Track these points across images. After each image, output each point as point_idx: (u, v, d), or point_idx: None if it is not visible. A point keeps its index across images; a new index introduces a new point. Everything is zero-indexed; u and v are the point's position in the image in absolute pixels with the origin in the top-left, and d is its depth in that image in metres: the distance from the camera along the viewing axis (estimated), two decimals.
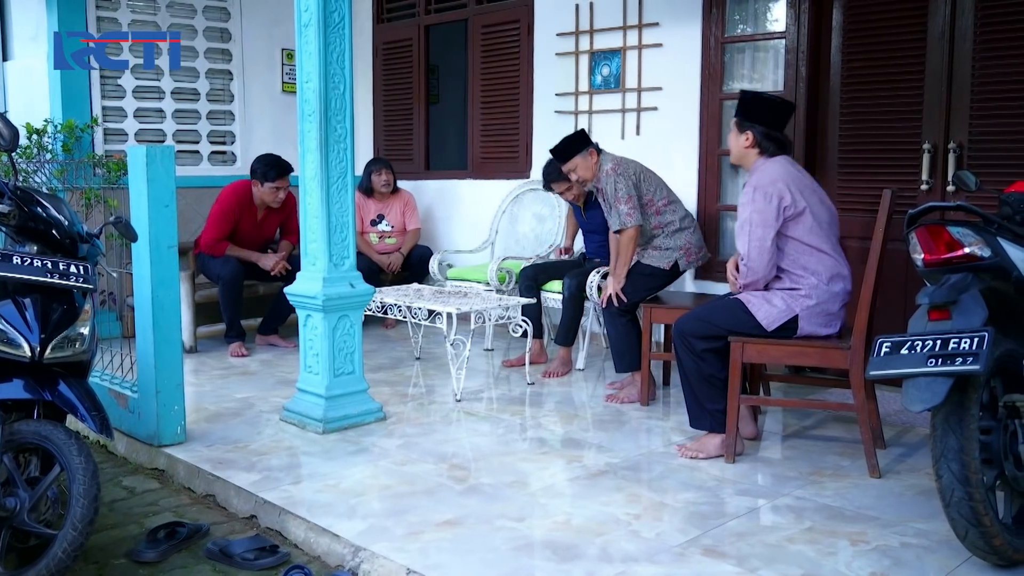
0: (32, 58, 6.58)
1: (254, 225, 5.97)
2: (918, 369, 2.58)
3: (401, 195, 6.80)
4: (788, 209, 3.61)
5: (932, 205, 2.85)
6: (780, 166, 3.70)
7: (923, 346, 2.61)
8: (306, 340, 4.31)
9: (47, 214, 3.11)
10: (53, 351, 2.93)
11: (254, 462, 3.80)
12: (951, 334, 2.58)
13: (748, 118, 3.74)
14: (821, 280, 3.66)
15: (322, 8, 4.06)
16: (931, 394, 2.56)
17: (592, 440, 4.10)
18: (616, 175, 4.68)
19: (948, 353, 2.55)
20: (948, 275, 2.79)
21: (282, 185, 5.84)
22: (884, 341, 2.69)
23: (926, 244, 2.77)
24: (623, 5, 5.80)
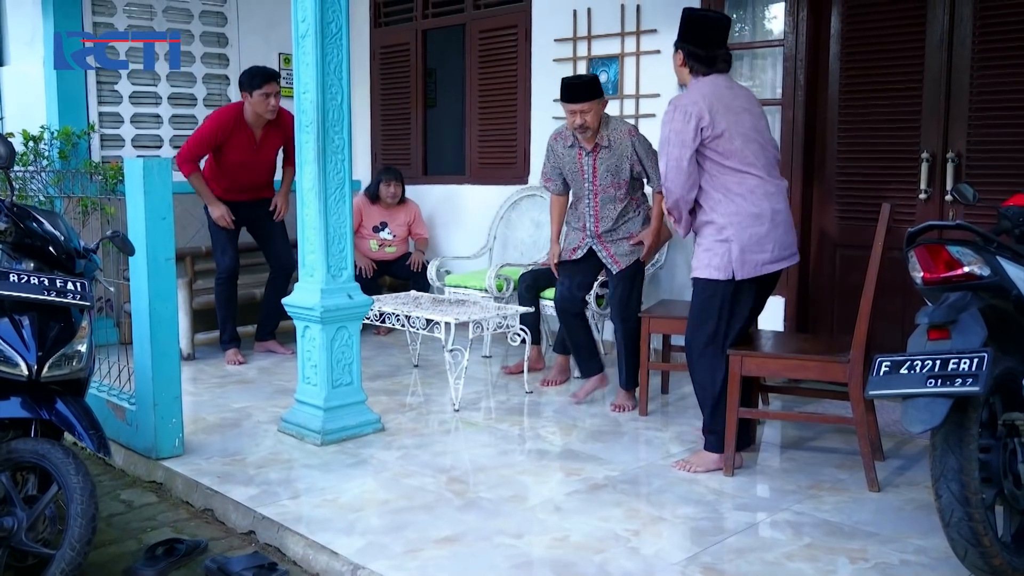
0: (28, 63, 6.56)
1: (252, 148, 5.69)
2: (917, 389, 2.58)
3: (408, 206, 6.79)
4: (705, 130, 3.61)
5: (931, 224, 2.85)
6: (707, 86, 3.70)
7: (922, 366, 2.60)
8: (304, 351, 4.30)
9: (43, 230, 3.10)
10: (50, 369, 2.93)
11: (252, 475, 3.79)
12: (950, 354, 2.58)
13: (682, 38, 3.77)
14: (742, 203, 3.65)
15: (319, 19, 4.05)
16: (930, 415, 2.56)
17: (590, 452, 4.09)
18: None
19: (947, 374, 2.55)
20: (947, 293, 2.78)
21: (271, 90, 5.55)
22: (883, 360, 2.69)
23: (925, 263, 2.76)
24: (621, 11, 5.79)
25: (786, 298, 5.20)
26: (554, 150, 4.84)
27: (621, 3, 5.79)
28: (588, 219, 4.77)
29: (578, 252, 4.84)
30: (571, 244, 4.89)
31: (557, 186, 4.90)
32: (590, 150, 4.64)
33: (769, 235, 3.67)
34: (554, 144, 4.84)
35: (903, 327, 4.66)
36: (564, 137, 4.76)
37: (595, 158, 4.64)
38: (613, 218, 4.73)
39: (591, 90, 4.50)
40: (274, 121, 5.70)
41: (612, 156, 4.62)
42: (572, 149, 4.72)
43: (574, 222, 4.88)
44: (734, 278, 3.67)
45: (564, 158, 4.77)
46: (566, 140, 4.73)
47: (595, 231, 4.76)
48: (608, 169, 4.64)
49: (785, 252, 3.76)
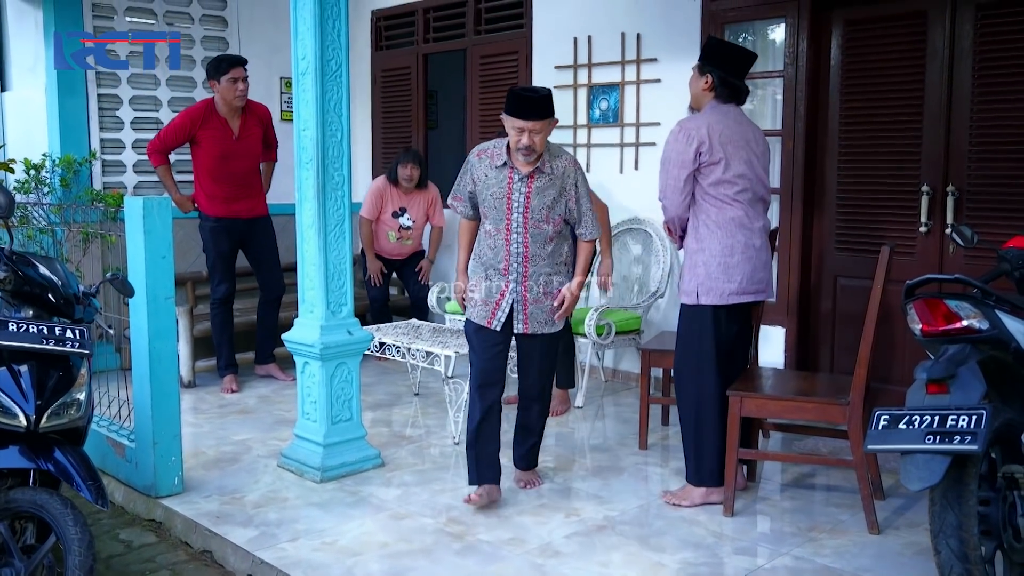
0: (30, 89, 6.58)
1: (230, 138, 5.61)
2: (916, 446, 2.57)
3: (428, 191, 6.55)
4: (703, 155, 3.70)
5: (929, 277, 2.84)
6: (718, 114, 3.77)
7: (921, 421, 2.60)
8: (304, 387, 4.30)
9: (42, 277, 3.12)
10: (49, 419, 2.93)
11: (251, 515, 3.79)
12: (949, 410, 2.57)
13: (716, 64, 3.80)
14: (717, 232, 3.76)
15: (319, 56, 4.06)
16: (929, 472, 2.55)
17: (590, 490, 4.08)
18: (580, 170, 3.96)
19: (946, 430, 2.54)
20: (947, 345, 2.78)
21: (238, 75, 5.52)
22: (882, 414, 2.68)
23: (924, 316, 2.76)
24: (621, 40, 5.80)
25: (786, 328, 5.19)
26: (475, 168, 3.84)
27: (622, 31, 5.80)
28: (514, 259, 3.78)
29: (499, 317, 3.82)
30: (485, 306, 3.84)
31: (467, 209, 3.91)
32: (525, 175, 3.74)
33: (739, 267, 3.77)
34: (477, 162, 3.84)
35: (906, 355, 4.66)
36: (493, 155, 3.80)
37: (530, 185, 3.74)
38: (544, 258, 3.81)
39: (546, 107, 3.67)
40: (249, 111, 5.71)
41: (551, 187, 3.76)
42: (502, 171, 3.77)
43: (490, 263, 3.83)
44: (698, 303, 3.79)
45: (489, 180, 3.79)
46: (494, 159, 3.79)
47: (523, 274, 3.79)
48: (543, 201, 3.75)
49: (753, 287, 3.82)
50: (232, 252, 5.79)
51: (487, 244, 3.83)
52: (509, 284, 3.80)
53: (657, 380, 5.29)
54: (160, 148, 5.63)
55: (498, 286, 3.82)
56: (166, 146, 5.64)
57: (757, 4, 5.24)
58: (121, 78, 6.63)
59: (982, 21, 4.47)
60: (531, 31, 6.36)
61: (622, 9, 5.81)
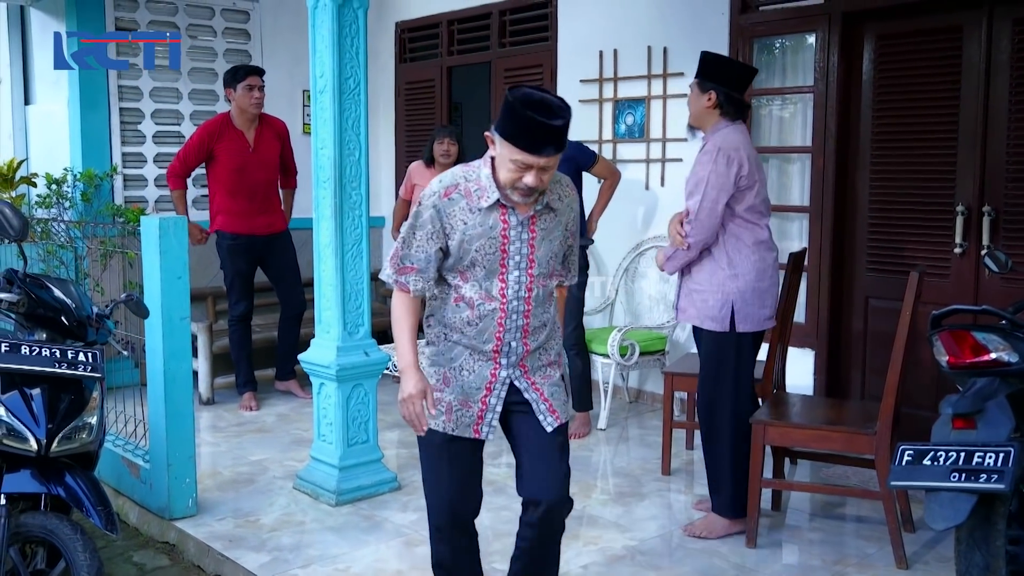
0: (53, 103, 6.69)
1: (246, 150, 5.68)
2: (940, 483, 2.54)
3: None
4: (742, 180, 3.67)
5: (956, 308, 2.81)
6: (742, 135, 3.76)
7: (946, 458, 2.56)
8: (320, 408, 4.33)
9: (55, 300, 3.17)
10: (60, 443, 2.97)
11: (265, 540, 3.82)
12: (976, 447, 2.54)
13: (719, 80, 3.72)
14: (751, 256, 3.72)
15: (337, 75, 4.10)
16: (954, 512, 2.52)
17: (610, 517, 4.07)
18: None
19: (972, 468, 2.51)
20: (975, 379, 2.75)
21: (254, 83, 5.60)
22: (906, 449, 2.65)
23: (950, 348, 2.73)
24: (648, 53, 5.80)
25: (816, 351, 5.14)
26: (446, 214, 2.67)
27: (648, 45, 5.79)
28: (512, 335, 2.71)
29: (489, 421, 2.76)
30: (464, 409, 2.76)
31: (427, 281, 2.72)
32: (525, 218, 2.67)
33: (769, 291, 3.78)
34: (446, 204, 2.67)
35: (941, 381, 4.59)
36: (471, 193, 2.67)
37: (533, 229, 2.69)
38: (543, 326, 2.78)
39: (566, 135, 2.60)
40: (265, 123, 5.79)
41: (556, 226, 2.75)
42: (491, 214, 2.65)
43: (471, 344, 2.73)
44: (734, 330, 3.72)
45: (471, 228, 2.65)
46: (474, 199, 2.66)
47: (523, 352, 2.74)
48: (551, 248, 2.74)
49: (774, 311, 3.86)
50: (250, 270, 5.85)
51: (461, 319, 2.71)
52: (499, 371, 2.74)
53: (682, 403, 5.26)
54: (181, 171, 5.70)
55: (482, 377, 2.74)
56: (187, 167, 5.71)
57: (787, 17, 5.22)
58: (143, 91, 6.73)
59: (1019, 35, 4.42)
60: (556, 44, 6.37)
61: (649, 22, 5.80)
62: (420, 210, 2.68)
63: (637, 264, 5.95)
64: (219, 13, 7.08)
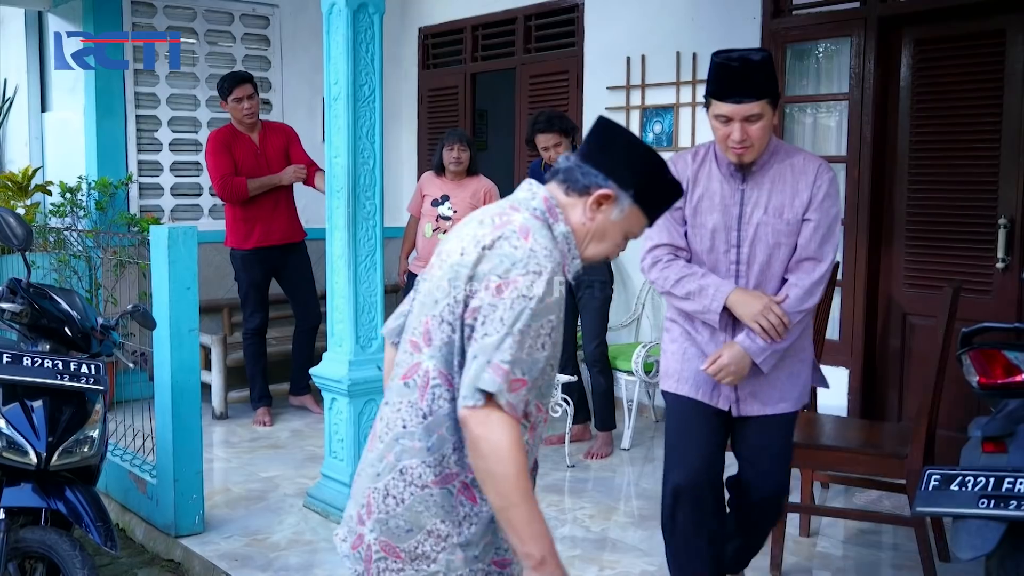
0: (70, 111, 6.82)
1: (255, 153, 5.75)
2: (968, 510, 2.50)
3: (480, 181, 5.78)
4: None
5: (986, 326, 2.78)
6: None
7: (975, 483, 2.52)
8: (331, 424, 4.35)
9: (59, 310, 3.23)
10: (60, 457, 3.03)
11: (271, 559, 3.84)
12: (1006, 472, 2.50)
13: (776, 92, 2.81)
14: None
15: (352, 81, 4.14)
16: (982, 540, 2.48)
17: (630, 541, 4.05)
18: None
19: (1002, 494, 2.47)
20: (1007, 400, 2.71)
21: (243, 93, 5.62)
22: (934, 473, 2.62)
23: (981, 367, 2.69)
24: (677, 59, 5.80)
25: (850, 370, 5.09)
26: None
27: (677, 51, 5.79)
28: None
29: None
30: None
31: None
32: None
33: None
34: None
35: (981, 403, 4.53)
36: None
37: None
38: None
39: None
40: (269, 128, 5.87)
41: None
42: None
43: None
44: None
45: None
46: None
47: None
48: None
49: None
50: (265, 281, 5.91)
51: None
52: None
53: None
54: (224, 174, 5.62)
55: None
56: (227, 170, 5.62)
57: (821, 22, 5.20)
58: (160, 98, 6.83)
59: None
60: (582, 50, 6.39)
61: (677, 28, 5.80)
62: None
63: None
64: (238, 18, 7.18)
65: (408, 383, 1.90)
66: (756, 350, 2.84)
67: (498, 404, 1.76)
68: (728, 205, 2.91)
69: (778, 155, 2.90)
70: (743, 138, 2.73)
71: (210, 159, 5.74)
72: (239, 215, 5.77)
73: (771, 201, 2.88)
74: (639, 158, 1.97)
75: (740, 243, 2.91)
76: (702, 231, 2.95)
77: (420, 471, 1.87)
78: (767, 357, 2.87)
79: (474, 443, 1.78)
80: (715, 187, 2.92)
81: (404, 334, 1.99)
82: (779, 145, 2.94)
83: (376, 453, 1.94)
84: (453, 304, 1.85)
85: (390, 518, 1.90)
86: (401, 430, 1.89)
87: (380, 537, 1.91)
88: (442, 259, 1.94)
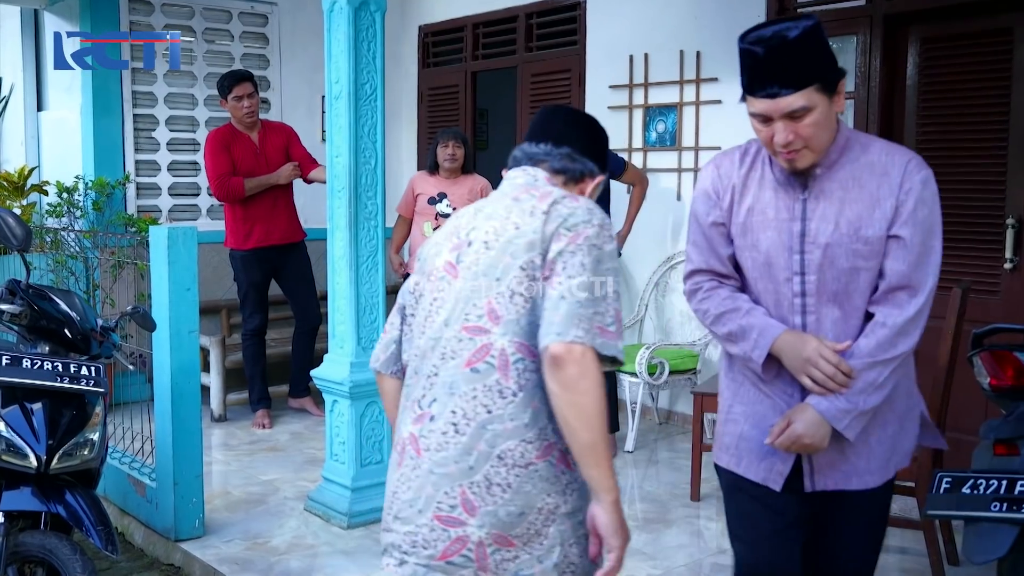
0: (66, 110, 6.82)
1: (255, 152, 5.74)
2: (980, 513, 2.50)
3: (476, 179, 5.80)
4: None
5: (997, 327, 2.78)
6: None
7: (987, 486, 2.52)
8: (332, 427, 4.35)
9: (58, 312, 3.22)
10: (60, 460, 3.02)
11: (272, 563, 3.84)
12: (1018, 475, 2.50)
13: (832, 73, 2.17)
14: None
15: (353, 80, 4.14)
16: (994, 544, 2.48)
17: (635, 544, 4.01)
18: None
19: (1014, 497, 2.46)
20: (1019, 402, 2.71)
21: (243, 92, 5.62)
22: (944, 476, 2.61)
23: (992, 369, 2.69)
24: (680, 58, 5.79)
25: None
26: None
27: (680, 49, 5.79)
28: None
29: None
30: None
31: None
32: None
33: None
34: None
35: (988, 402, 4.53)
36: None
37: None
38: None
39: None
40: (268, 128, 5.87)
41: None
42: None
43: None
44: None
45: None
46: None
47: None
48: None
49: None
50: (265, 282, 5.90)
51: None
52: None
53: (713, 425, 5.21)
54: (222, 173, 5.60)
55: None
56: (225, 170, 5.61)
57: (826, 20, 5.15)
58: (158, 97, 6.84)
59: None
60: (584, 48, 6.39)
61: (681, 26, 5.80)
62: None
63: (668, 278, 5.93)
64: (236, 17, 7.18)
65: (478, 367, 1.89)
66: (835, 413, 2.19)
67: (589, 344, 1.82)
68: (786, 220, 2.26)
69: (851, 151, 2.25)
70: (789, 140, 2.13)
71: (208, 159, 5.72)
72: (238, 215, 5.76)
73: (843, 214, 2.22)
74: (605, 141, 2.20)
75: (805, 269, 2.25)
76: (754, 253, 2.31)
77: (521, 450, 1.88)
78: (851, 422, 2.20)
79: (572, 379, 1.81)
80: (768, 197, 2.28)
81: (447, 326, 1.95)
82: (852, 137, 2.27)
83: (457, 448, 1.89)
84: (524, 274, 1.89)
85: (499, 507, 1.88)
86: (487, 416, 1.88)
87: (492, 531, 1.88)
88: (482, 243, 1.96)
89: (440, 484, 1.91)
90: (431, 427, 1.93)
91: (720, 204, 2.36)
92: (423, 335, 2.00)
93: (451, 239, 2.04)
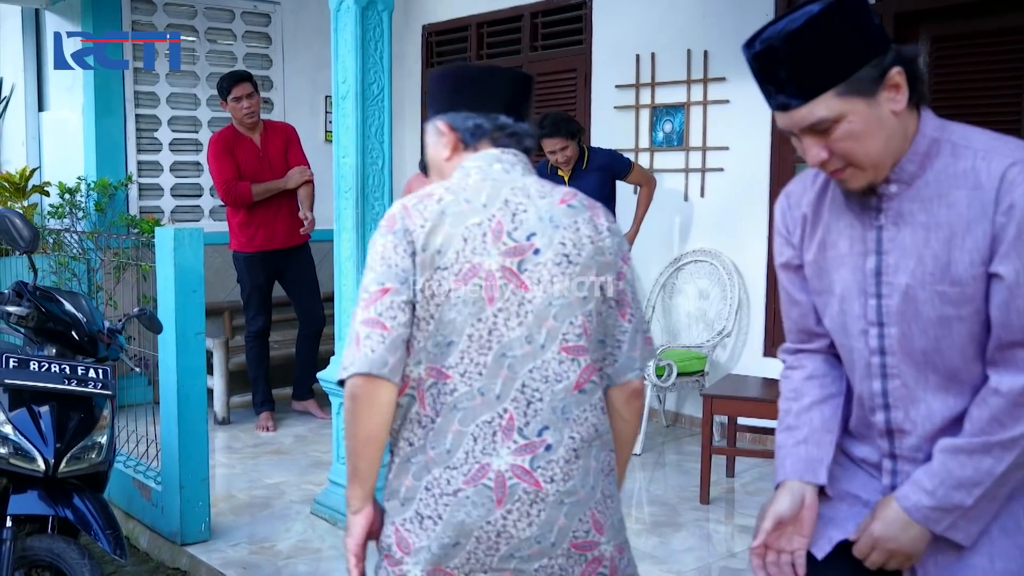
0: (67, 110, 6.82)
1: (257, 155, 5.76)
2: None
3: None
4: None
5: None
6: None
7: None
8: (339, 430, 4.35)
9: (65, 313, 3.22)
10: (68, 464, 3.02)
11: (279, 567, 3.84)
12: None
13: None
14: None
15: (360, 80, 4.14)
16: None
17: (644, 548, 4.05)
18: None
19: None
20: None
21: (242, 92, 5.61)
22: None
23: None
24: (687, 57, 5.80)
25: None
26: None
27: (688, 48, 5.79)
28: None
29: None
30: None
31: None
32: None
33: None
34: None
35: None
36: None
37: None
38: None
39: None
40: (270, 128, 5.87)
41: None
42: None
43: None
44: None
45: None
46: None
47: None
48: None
49: None
50: (268, 283, 5.91)
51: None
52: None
53: (722, 427, 5.23)
54: (228, 179, 5.60)
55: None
56: (231, 174, 5.60)
57: None
58: (160, 97, 6.84)
59: None
60: (591, 48, 6.39)
61: (688, 25, 5.81)
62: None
63: (675, 279, 5.94)
64: (239, 16, 7.18)
65: (585, 389, 1.89)
66: (928, 513, 1.65)
67: None
68: (860, 254, 1.75)
69: (938, 157, 1.72)
70: (823, 158, 1.65)
71: (212, 163, 5.72)
72: (242, 218, 5.77)
73: (928, 244, 1.67)
74: None
75: (883, 318, 1.72)
76: (829, 298, 1.81)
77: (609, 459, 1.96)
78: (953, 524, 1.65)
79: (641, 409, 2.06)
80: (842, 226, 1.78)
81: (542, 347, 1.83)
82: (941, 138, 1.74)
83: (580, 473, 1.85)
84: (602, 293, 1.93)
85: (614, 516, 1.94)
86: (595, 434, 1.91)
87: (615, 540, 1.93)
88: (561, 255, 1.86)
89: (574, 512, 1.86)
90: (549, 457, 1.83)
91: (791, 240, 1.88)
92: (488, 350, 1.81)
93: (491, 238, 1.82)
